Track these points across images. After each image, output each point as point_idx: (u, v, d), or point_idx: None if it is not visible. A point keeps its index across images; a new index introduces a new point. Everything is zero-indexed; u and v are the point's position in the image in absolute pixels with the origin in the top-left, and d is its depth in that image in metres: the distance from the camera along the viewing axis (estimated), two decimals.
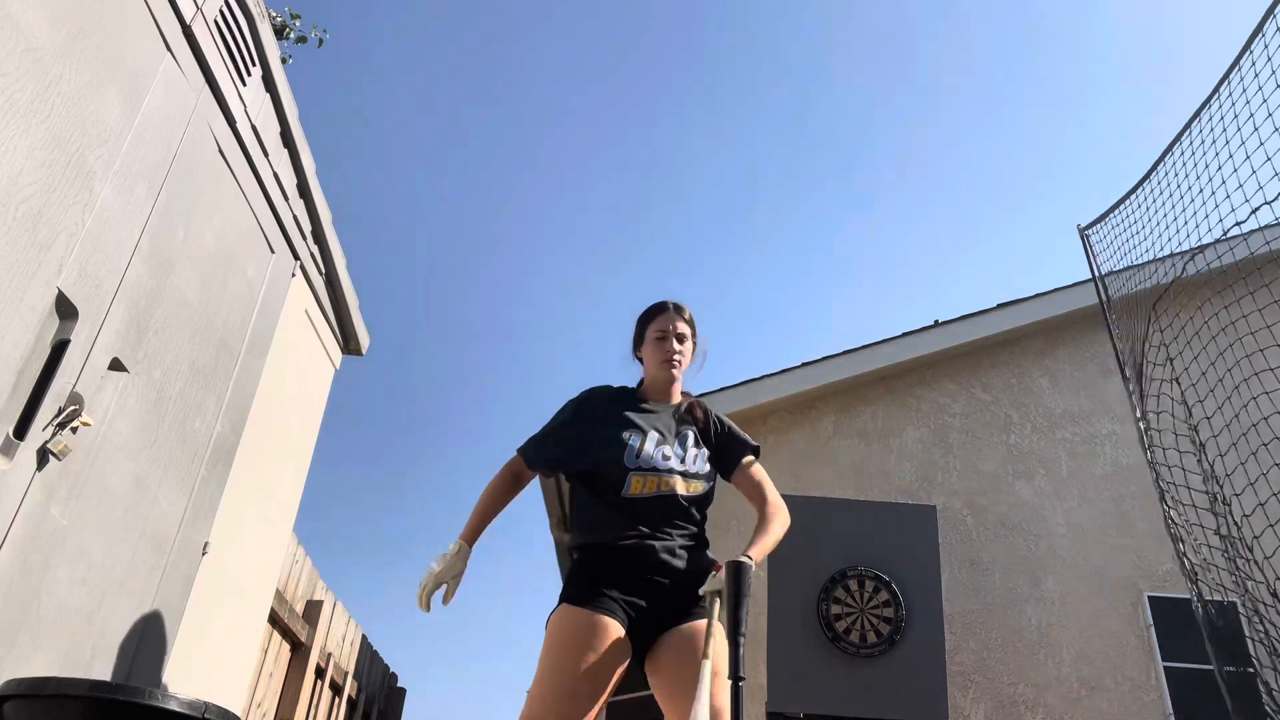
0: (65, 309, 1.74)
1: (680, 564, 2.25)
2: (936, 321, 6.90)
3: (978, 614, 5.95)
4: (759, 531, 2.24)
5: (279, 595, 4.00)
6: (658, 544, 2.24)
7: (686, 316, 2.50)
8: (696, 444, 2.39)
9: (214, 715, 1.52)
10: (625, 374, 2.59)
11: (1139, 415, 3.93)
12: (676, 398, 2.49)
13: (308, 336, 3.04)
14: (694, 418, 2.46)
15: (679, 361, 2.45)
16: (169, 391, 2.14)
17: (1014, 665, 5.81)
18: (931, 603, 4.03)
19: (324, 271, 3.11)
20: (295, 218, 2.80)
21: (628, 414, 2.35)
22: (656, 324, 2.48)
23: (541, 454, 2.40)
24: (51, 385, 1.70)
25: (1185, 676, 5.72)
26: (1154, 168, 3.85)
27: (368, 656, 6.01)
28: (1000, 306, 6.88)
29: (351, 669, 5.50)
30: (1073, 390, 6.84)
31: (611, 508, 2.30)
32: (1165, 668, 5.78)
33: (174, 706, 1.47)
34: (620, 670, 2.11)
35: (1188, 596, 5.85)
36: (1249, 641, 3.94)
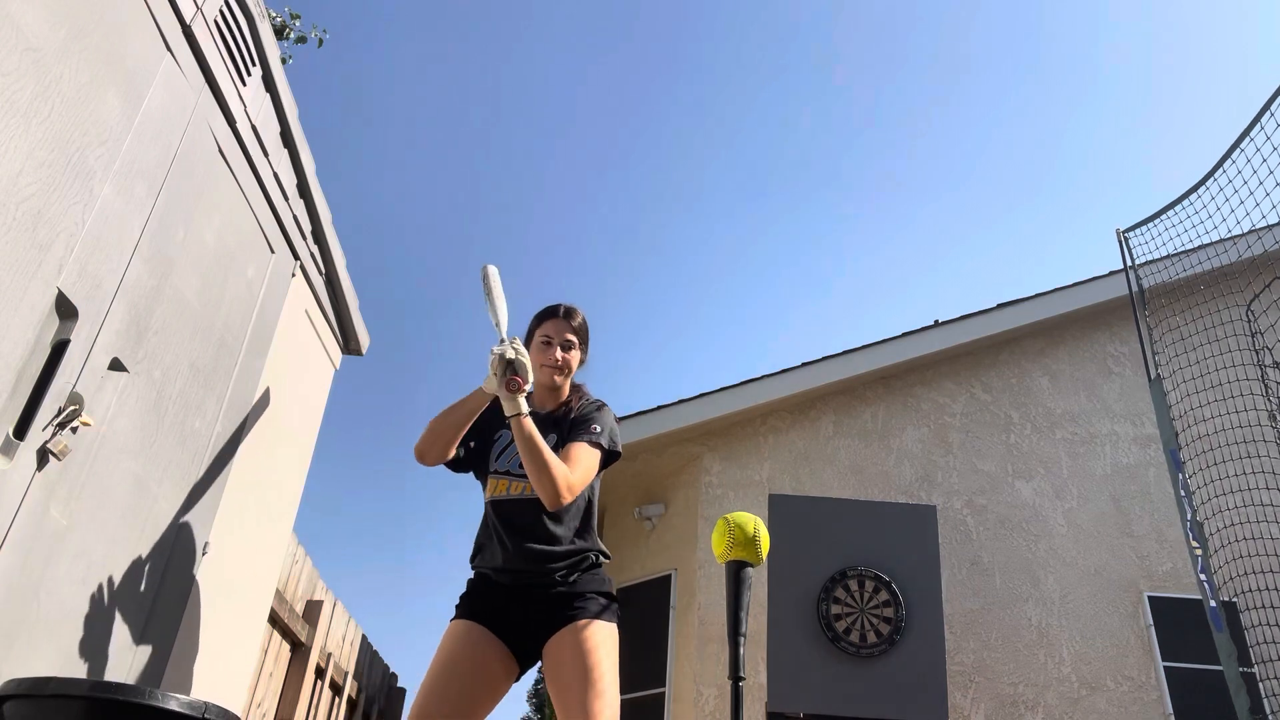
0: (65, 309, 1.74)
1: (547, 568, 2.26)
2: (936, 321, 6.90)
3: (978, 614, 5.95)
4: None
5: (279, 595, 4.00)
6: (521, 550, 2.26)
7: (576, 323, 2.45)
8: (553, 449, 2.30)
9: (214, 715, 1.52)
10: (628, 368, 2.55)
11: (1261, 364, 3.96)
12: (553, 404, 2.45)
13: (308, 336, 3.04)
14: (561, 417, 2.41)
15: (562, 370, 2.41)
16: (169, 391, 2.15)
17: (1014, 665, 5.81)
18: (931, 603, 4.03)
19: (324, 271, 3.11)
20: (295, 218, 2.80)
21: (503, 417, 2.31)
22: (544, 328, 2.44)
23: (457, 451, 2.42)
24: (51, 385, 1.70)
25: (1185, 676, 5.72)
26: (1216, 166, 3.91)
27: (368, 656, 6.01)
28: (1000, 306, 6.88)
29: (351, 669, 5.50)
30: (1073, 390, 6.84)
31: (488, 509, 2.37)
32: (1165, 668, 5.78)
33: (174, 706, 1.47)
34: (487, 672, 2.17)
35: (1187, 596, 5.86)
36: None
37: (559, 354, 2.41)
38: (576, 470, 2.21)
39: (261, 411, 2.67)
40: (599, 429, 2.34)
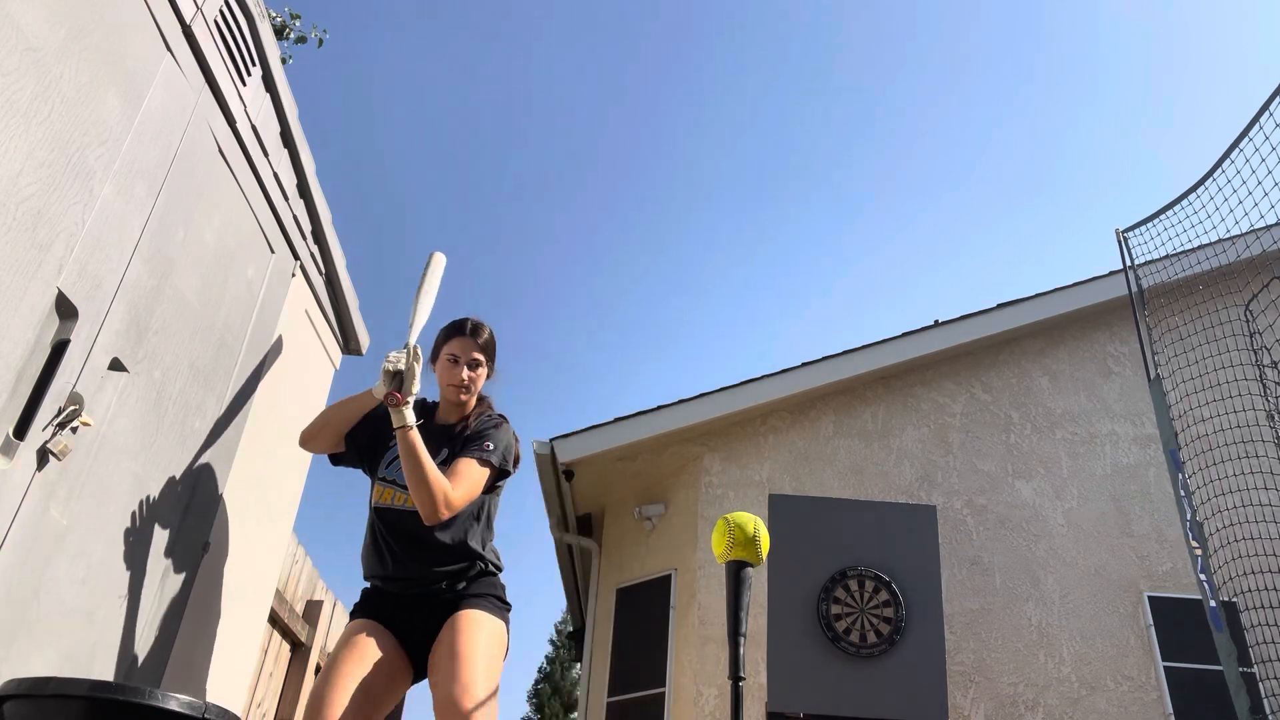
0: (65, 309, 1.74)
1: (433, 573, 2.26)
2: (936, 321, 6.90)
3: (978, 614, 5.95)
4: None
5: (279, 595, 3.99)
6: (407, 557, 2.27)
7: (483, 340, 2.42)
8: (443, 465, 2.28)
9: (214, 715, 1.52)
10: (625, 357, 2.54)
11: (1260, 364, 3.97)
12: (455, 417, 2.43)
13: (308, 336, 3.04)
14: (458, 432, 2.39)
15: (467, 389, 2.39)
16: (169, 391, 2.15)
17: (1014, 665, 5.81)
18: (931, 603, 4.03)
19: (324, 271, 3.11)
20: (295, 218, 2.80)
21: None
22: (451, 346, 2.41)
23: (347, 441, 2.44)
24: (51, 385, 1.70)
25: (1185, 676, 5.72)
26: (1215, 166, 3.92)
27: None
28: (1000, 306, 6.88)
29: None
30: (1073, 390, 6.84)
31: (372, 514, 2.37)
32: (1165, 668, 5.78)
33: (174, 706, 1.47)
34: (386, 666, 2.16)
35: (1187, 596, 5.86)
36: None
37: (465, 373, 2.38)
38: (459, 486, 2.18)
39: (261, 411, 2.67)
40: (491, 446, 2.31)
